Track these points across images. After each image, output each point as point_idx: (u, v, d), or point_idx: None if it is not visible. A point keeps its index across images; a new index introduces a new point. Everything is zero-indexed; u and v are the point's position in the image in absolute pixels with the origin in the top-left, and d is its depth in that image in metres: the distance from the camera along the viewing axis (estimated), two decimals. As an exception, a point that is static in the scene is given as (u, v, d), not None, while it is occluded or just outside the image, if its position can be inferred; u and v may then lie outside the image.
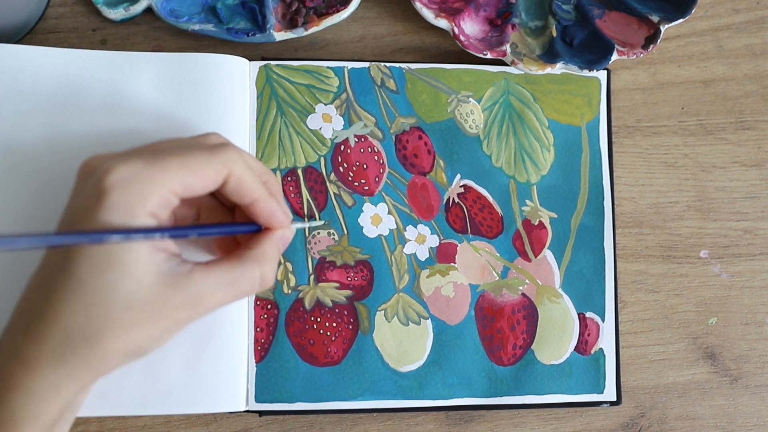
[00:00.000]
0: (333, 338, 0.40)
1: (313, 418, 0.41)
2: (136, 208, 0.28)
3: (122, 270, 0.28)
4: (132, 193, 0.28)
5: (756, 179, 0.44)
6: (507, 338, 0.41)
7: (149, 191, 0.28)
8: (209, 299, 0.30)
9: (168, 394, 0.37)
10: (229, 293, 0.30)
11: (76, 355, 0.28)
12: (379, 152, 0.42)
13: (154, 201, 0.29)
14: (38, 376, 0.28)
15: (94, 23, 0.42)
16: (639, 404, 0.43)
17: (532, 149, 0.43)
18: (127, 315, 0.28)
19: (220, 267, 0.30)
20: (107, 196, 0.28)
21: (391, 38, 0.44)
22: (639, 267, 0.43)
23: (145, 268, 0.28)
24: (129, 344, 0.29)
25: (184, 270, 0.29)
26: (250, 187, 0.31)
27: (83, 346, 0.28)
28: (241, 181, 0.31)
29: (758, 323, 0.44)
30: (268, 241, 0.32)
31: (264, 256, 0.31)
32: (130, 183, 0.28)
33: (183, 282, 0.29)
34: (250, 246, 0.32)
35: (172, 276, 0.29)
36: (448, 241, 0.42)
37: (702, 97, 0.45)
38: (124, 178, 0.28)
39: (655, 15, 0.42)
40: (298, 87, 0.41)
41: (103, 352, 0.28)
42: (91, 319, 0.28)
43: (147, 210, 0.28)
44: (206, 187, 0.30)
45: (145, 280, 0.28)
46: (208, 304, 0.30)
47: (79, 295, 0.28)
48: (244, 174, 0.31)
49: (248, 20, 0.42)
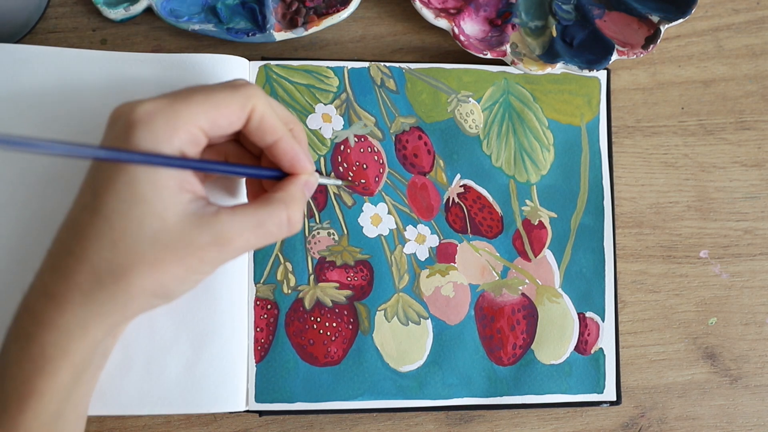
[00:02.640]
0: (333, 338, 0.40)
1: (313, 418, 0.41)
2: (163, 142, 0.28)
3: (148, 208, 0.28)
4: (159, 127, 0.28)
5: (756, 179, 0.44)
6: (507, 338, 0.41)
7: (175, 126, 0.29)
8: (236, 240, 0.30)
9: (168, 394, 0.37)
10: (256, 235, 0.30)
11: (104, 291, 0.28)
12: (378, 152, 0.42)
13: (182, 137, 0.29)
14: (67, 312, 0.29)
15: (94, 23, 0.42)
16: (639, 404, 0.43)
17: (531, 149, 0.43)
18: (153, 252, 0.28)
19: (246, 209, 0.30)
20: (135, 130, 0.28)
21: (391, 38, 0.44)
22: (639, 267, 0.43)
23: (172, 206, 0.29)
24: (155, 282, 0.29)
25: (210, 211, 0.30)
26: (273, 125, 0.31)
27: (110, 282, 0.28)
28: (264, 118, 0.31)
29: (758, 323, 0.44)
30: (293, 184, 0.32)
31: (290, 198, 0.32)
32: (157, 117, 0.28)
33: (209, 222, 0.29)
34: (275, 190, 0.32)
35: (198, 216, 0.29)
36: (448, 240, 0.42)
37: (702, 97, 0.45)
38: (151, 112, 0.29)
39: (655, 15, 0.42)
40: (298, 87, 0.41)
41: (129, 289, 0.29)
42: (117, 255, 0.28)
43: (174, 146, 0.29)
44: (231, 123, 0.30)
45: (171, 218, 0.29)
46: (235, 246, 0.30)
47: (106, 232, 0.28)
48: (266, 111, 0.31)
49: (248, 20, 0.42)
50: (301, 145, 0.33)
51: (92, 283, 0.28)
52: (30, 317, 0.29)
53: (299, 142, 0.33)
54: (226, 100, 0.30)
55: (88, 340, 0.29)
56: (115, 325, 0.30)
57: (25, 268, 0.32)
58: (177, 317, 0.37)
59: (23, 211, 0.37)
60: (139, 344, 0.37)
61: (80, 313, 0.29)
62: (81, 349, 0.29)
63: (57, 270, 0.29)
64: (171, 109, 0.29)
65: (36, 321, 0.29)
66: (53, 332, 0.29)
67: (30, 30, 0.41)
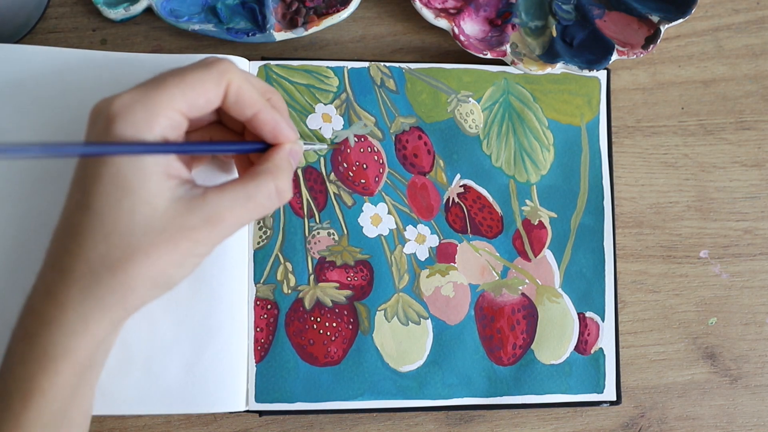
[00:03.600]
0: (333, 338, 0.40)
1: (313, 418, 0.41)
2: (144, 130, 0.29)
3: (136, 197, 0.28)
4: (138, 117, 0.29)
5: (756, 179, 0.44)
6: (507, 338, 0.41)
7: (154, 113, 0.29)
8: (227, 217, 0.30)
9: (168, 394, 0.37)
10: (246, 209, 0.30)
11: (101, 285, 0.29)
12: (378, 152, 0.42)
13: (162, 123, 0.29)
14: (68, 310, 0.29)
15: (94, 23, 0.42)
16: (639, 404, 0.43)
17: (531, 149, 0.43)
18: (146, 240, 0.28)
19: (233, 185, 0.30)
20: (115, 123, 0.28)
21: (391, 38, 0.44)
22: (639, 267, 0.43)
23: (159, 193, 0.29)
24: (152, 270, 0.29)
25: (198, 192, 0.30)
26: (251, 97, 0.31)
27: (107, 275, 0.29)
28: (240, 92, 0.31)
29: (758, 323, 0.44)
30: (277, 154, 0.32)
31: (276, 168, 0.32)
32: (134, 107, 0.29)
33: (198, 203, 0.29)
34: (260, 162, 0.32)
35: (187, 199, 0.29)
36: (447, 240, 0.42)
37: (702, 97, 0.45)
38: (128, 103, 0.29)
39: (655, 15, 0.42)
40: (298, 87, 0.41)
41: (128, 281, 0.29)
42: (112, 248, 0.28)
43: (155, 133, 0.29)
44: (209, 101, 0.30)
45: (161, 205, 0.29)
46: (227, 223, 0.30)
47: (98, 227, 0.28)
48: (243, 84, 0.31)
49: (248, 20, 0.42)
50: (282, 114, 0.33)
51: (90, 279, 0.29)
52: (33, 316, 0.30)
53: (279, 111, 0.33)
54: (200, 79, 0.30)
55: (90, 336, 0.29)
56: (118, 320, 0.30)
57: (25, 268, 0.32)
58: (177, 317, 0.37)
59: (21, 210, 0.37)
60: (139, 344, 0.37)
61: (81, 309, 0.29)
62: (84, 346, 0.29)
63: (55, 268, 0.29)
64: (147, 96, 0.29)
65: (38, 320, 0.29)
66: (55, 330, 0.29)
67: (30, 30, 0.41)
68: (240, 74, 0.31)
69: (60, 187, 0.36)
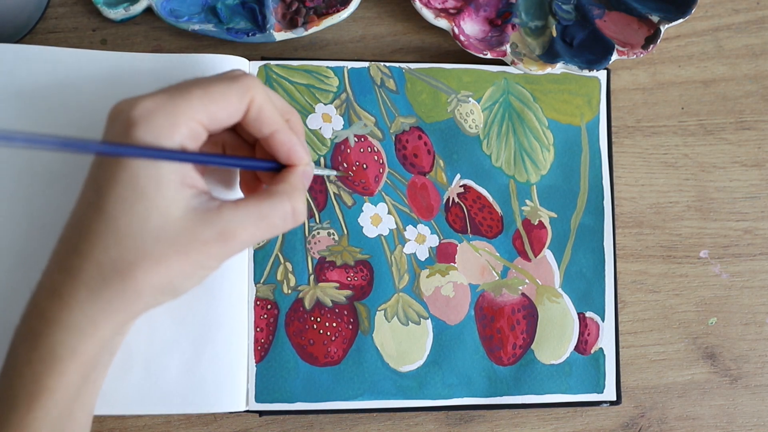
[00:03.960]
0: (333, 338, 0.40)
1: (313, 418, 0.41)
2: (164, 138, 0.28)
3: (151, 204, 0.28)
4: (159, 123, 0.28)
5: (756, 179, 0.44)
6: (507, 338, 0.41)
7: (175, 122, 0.29)
8: (241, 234, 0.30)
9: (168, 394, 0.37)
10: (260, 228, 0.30)
11: (110, 288, 0.28)
12: (378, 152, 0.42)
13: (182, 132, 0.29)
14: (75, 311, 0.29)
15: (94, 23, 0.42)
16: (639, 404, 0.43)
17: (531, 149, 0.43)
18: (158, 248, 0.28)
19: (248, 202, 0.30)
20: (135, 127, 0.28)
21: (391, 38, 0.44)
22: (639, 267, 0.43)
23: (174, 202, 0.29)
24: (161, 279, 0.29)
25: (213, 206, 0.30)
26: (271, 116, 0.31)
27: (116, 279, 0.28)
28: (261, 110, 0.31)
29: (758, 323, 0.44)
30: (293, 175, 0.32)
31: (292, 189, 0.32)
32: (156, 114, 0.28)
33: (212, 217, 0.29)
34: (276, 182, 0.32)
35: (201, 211, 0.29)
36: (447, 240, 0.42)
37: (702, 97, 0.45)
38: (150, 109, 0.29)
39: (655, 15, 0.42)
40: (298, 87, 0.41)
41: (135, 286, 0.29)
42: (122, 252, 0.28)
43: (175, 141, 0.29)
44: (231, 116, 0.30)
45: (174, 214, 0.29)
46: (240, 240, 0.30)
47: (111, 229, 0.28)
48: (264, 103, 0.31)
49: (248, 20, 0.42)
50: (298, 136, 0.33)
51: (99, 281, 0.28)
52: (38, 316, 0.29)
53: (296, 133, 0.33)
54: (224, 93, 0.30)
55: (96, 338, 0.29)
56: (123, 323, 0.30)
57: (30, 267, 0.32)
58: (177, 317, 0.37)
59: (28, 209, 0.37)
60: (139, 344, 0.37)
61: (88, 311, 0.29)
62: (89, 348, 0.29)
63: (63, 268, 0.29)
64: (170, 104, 0.29)
65: (44, 320, 0.29)
66: (62, 331, 0.29)
67: (30, 30, 0.41)
68: (263, 92, 0.31)
69: (64, 187, 0.37)
